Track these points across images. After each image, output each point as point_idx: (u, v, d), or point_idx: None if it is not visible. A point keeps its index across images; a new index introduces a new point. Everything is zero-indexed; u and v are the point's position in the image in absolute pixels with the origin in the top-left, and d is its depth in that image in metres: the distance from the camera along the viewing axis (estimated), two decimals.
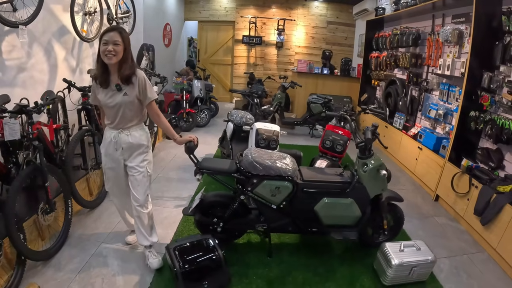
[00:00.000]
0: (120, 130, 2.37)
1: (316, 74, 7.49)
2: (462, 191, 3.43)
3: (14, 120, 2.36)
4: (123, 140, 2.39)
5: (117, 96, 2.27)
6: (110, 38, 2.13)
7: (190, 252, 2.28)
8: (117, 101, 2.27)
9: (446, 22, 4.47)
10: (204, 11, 9.04)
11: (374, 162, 2.44)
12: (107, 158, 2.47)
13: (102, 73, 2.24)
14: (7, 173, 2.44)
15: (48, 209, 2.59)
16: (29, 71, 3.02)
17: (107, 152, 2.45)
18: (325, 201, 2.41)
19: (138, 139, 2.42)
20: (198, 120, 6.63)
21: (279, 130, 3.38)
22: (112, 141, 2.39)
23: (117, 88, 2.25)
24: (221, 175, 2.48)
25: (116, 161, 2.46)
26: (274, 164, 2.34)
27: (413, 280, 2.45)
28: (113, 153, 2.43)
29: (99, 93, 2.30)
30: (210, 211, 2.61)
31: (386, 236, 2.77)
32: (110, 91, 2.26)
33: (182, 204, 3.47)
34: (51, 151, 2.92)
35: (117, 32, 2.17)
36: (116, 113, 2.32)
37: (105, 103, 2.30)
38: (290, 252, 2.74)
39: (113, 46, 2.14)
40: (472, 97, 3.61)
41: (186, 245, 2.35)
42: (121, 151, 2.41)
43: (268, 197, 2.41)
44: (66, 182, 2.86)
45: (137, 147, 2.43)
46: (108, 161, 2.49)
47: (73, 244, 2.77)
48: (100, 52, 2.16)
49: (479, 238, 3.18)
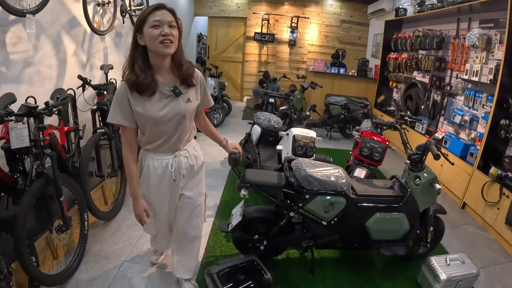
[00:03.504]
0: (177, 153, 1.84)
1: (332, 74, 7.44)
2: (492, 200, 3.42)
3: (22, 124, 2.02)
4: (183, 166, 1.88)
5: (176, 104, 1.69)
6: (163, 17, 1.55)
7: (235, 277, 2.12)
8: (178, 110, 1.70)
9: (473, 26, 4.42)
10: (215, 6, 8.92)
11: (427, 176, 2.39)
12: (158, 195, 1.92)
13: (145, 74, 1.59)
14: (14, 184, 2.12)
15: (63, 226, 2.26)
16: (36, 66, 2.75)
17: (159, 188, 1.89)
18: (378, 216, 2.36)
19: (199, 157, 1.99)
20: (212, 119, 6.54)
21: (315, 136, 3.33)
22: (167, 171, 1.83)
23: (176, 92, 1.67)
24: (268, 189, 2.34)
25: (173, 194, 1.94)
26: (329, 179, 2.25)
27: None
28: (169, 186, 1.89)
29: (137, 105, 1.63)
30: (250, 227, 2.46)
31: (426, 248, 2.76)
32: (161, 98, 1.67)
33: (208, 214, 3.29)
34: (63, 157, 2.57)
35: (167, 10, 1.59)
36: (175, 129, 1.75)
37: (155, 118, 1.66)
38: (332, 268, 2.66)
39: (170, 29, 1.56)
40: (503, 105, 3.59)
41: (230, 268, 2.18)
42: (180, 180, 1.91)
43: (320, 214, 2.31)
44: (81, 193, 2.51)
45: (199, 168, 2.00)
46: (159, 198, 1.93)
47: (91, 263, 2.49)
48: (149, 39, 1.54)
49: (510, 247, 3.17)
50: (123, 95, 1.64)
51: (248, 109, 7.96)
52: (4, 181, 2.09)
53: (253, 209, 2.44)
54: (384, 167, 4.88)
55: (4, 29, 2.41)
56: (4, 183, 2.10)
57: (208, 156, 4.92)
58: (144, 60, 1.61)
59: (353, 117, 6.14)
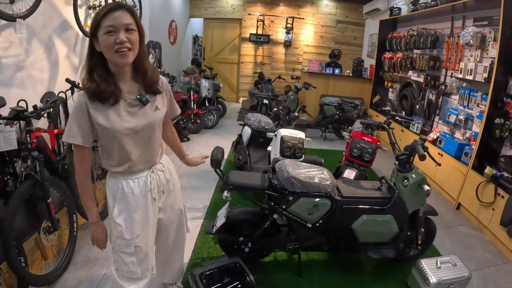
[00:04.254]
0: (153, 168, 1.64)
1: (327, 74, 7.38)
2: (487, 201, 3.35)
3: (10, 127, 2.04)
4: (161, 182, 1.69)
5: (144, 114, 1.51)
6: (118, 21, 1.34)
7: (218, 279, 2.10)
8: (148, 120, 1.52)
9: (467, 24, 4.36)
10: (210, 8, 8.89)
11: (415, 177, 2.32)
12: (141, 221, 1.62)
13: (107, 81, 1.40)
14: (4, 187, 2.13)
15: (51, 228, 2.26)
16: (27, 70, 2.73)
17: (141, 212, 1.61)
18: (364, 218, 2.29)
19: (173, 171, 1.81)
20: (206, 121, 6.49)
21: (304, 137, 3.26)
22: (145, 190, 1.60)
23: (143, 100, 1.49)
24: (251, 192, 2.30)
25: (154, 215, 1.70)
26: (312, 180, 2.19)
27: None
28: (148, 208, 1.64)
29: (101, 118, 1.41)
30: (235, 229, 2.43)
31: (417, 250, 2.69)
32: (127, 108, 1.47)
33: (197, 216, 3.29)
34: (53, 160, 2.56)
35: (126, 10, 1.38)
36: (147, 140, 1.56)
37: (122, 131, 1.45)
38: (320, 270, 2.61)
39: (127, 34, 1.36)
40: (498, 104, 3.52)
41: (214, 270, 2.16)
42: (160, 198, 1.71)
43: (304, 216, 2.26)
44: (70, 195, 2.51)
45: (175, 183, 1.83)
46: (143, 224, 1.63)
47: (80, 264, 2.49)
48: (104, 48, 1.36)
49: (504, 249, 3.11)
50: (82, 107, 1.40)
51: (244, 111, 7.91)
52: None
53: (237, 211, 2.40)
54: (378, 167, 4.82)
55: None
56: None
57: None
58: (103, 67, 1.42)
59: (347, 117, 6.09)
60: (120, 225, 1.57)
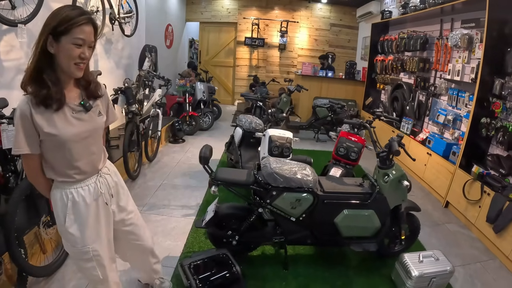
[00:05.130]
0: (100, 173, 1.63)
1: (320, 77, 7.45)
2: (474, 198, 3.41)
3: (12, 126, 2.14)
4: (110, 185, 1.67)
5: (89, 119, 1.51)
6: (88, 37, 1.37)
7: (206, 269, 2.20)
8: (93, 126, 1.53)
9: (455, 26, 4.45)
10: (206, 12, 8.98)
11: (395, 173, 2.39)
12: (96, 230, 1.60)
13: (57, 87, 1.37)
14: (5, 183, 2.24)
15: (50, 221, 2.36)
16: None
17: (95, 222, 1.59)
18: (345, 213, 2.37)
19: (117, 171, 1.79)
20: (201, 123, 6.56)
21: (292, 137, 3.33)
22: (95, 196, 1.58)
23: (86, 106, 1.49)
24: (237, 187, 2.39)
25: (109, 221, 1.68)
26: (295, 176, 2.27)
27: None
28: (103, 214, 1.63)
29: (46, 125, 1.37)
30: (224, 223, 2.52)
31: (402, 246, 2.75)
32: (71, 114, 1.44)
33: (190, 213, 3.39)
34: None
35: (93, 27, 1.41)
36: (94, 146, 1.57)
37: (69, 138, 1.43)
38: (306, 264, 2.68)
39: (88, 51, 1.41)
40: (484, 104, 3.59)
41: (202, 261, 2.26)
42: (111, 202, 1.69)
43: (287, 210, 2.34)
44: None
45: (123, 184, 1.80)
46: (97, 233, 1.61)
47: None
48: (65, 56, 1.34)
49: (491, 245, 3.16)
50: (28, 117, 1.34)
51: (239, 113, 7.95)
52: None
53: (225, 206, 2.50)
54: (367, 166, 4.89)
55: None
56: None
57: (195, 158, 4.94)
58: (53, 71, 1.37)
59: (339, 119, 6.15)
60: (73, 235, 1.54)
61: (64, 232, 1.55)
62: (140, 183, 4.02)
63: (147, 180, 4.13)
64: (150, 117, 4.65)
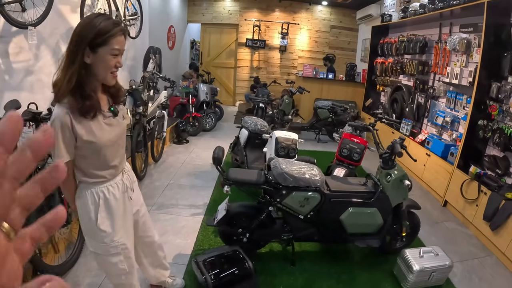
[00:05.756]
0: (123, 171, 1.73)
1: (321, 79, 7.58)
2: (471, 197, 3.54)
3: (27, 128, 2.18)
4: (132, 180, 1.81)
5: (117, 124, 1.60)
6: (122, 46, 1.45)
7: (220, 264, 2.29)
8: (121, 129, 1.64)
9: (454, 31, 4.58)
10: (207, 13, 9.08)
11: (397, 173, 2.53)
12: (125, 223, 1.72)
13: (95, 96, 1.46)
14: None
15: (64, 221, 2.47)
16: (36, 74, 2.89)
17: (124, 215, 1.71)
18: (350, 210, 2.50)
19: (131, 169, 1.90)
20: (204, 124, 6.66)
21: (297, 138, 3.46)
22: (122, 193, 1.69)
23: (114, 112, 1.58)
24: (249, 186, 2.51)
25: (131, 214, 1.81)
26: (303, 176, 2.40)
27: (432, 284, 2.55)
28: (128, 212, 1.76)
29: (85, 134, 1.44)
30: (234, 221, 2.62)
31: (403, 243, 2.88)
32: (103, 121, 1.52)
33: (198, 213, 3.49)
34: None
35: (124, 35, 1.46)
36: (120, 148, 1.67)
37: (105, 143, 1.52)
38: (312, 260, 2.80)
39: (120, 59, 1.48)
40: (481, 106, 3.72)
41: (215, 257, 2.36)
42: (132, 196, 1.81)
43: (296, 208, 2.46)
44: None
45: (135, 179, 1.92)
46: (126, 226, 1.74)
47: (89, 256, 2.60)
48: (102, 66, 1.42)
49: (488, 242, 3.29)
50: (68, 127, 1.40)
51: (240, 114, 8.08)
52: None
53: (236, 205, 2.63)
54: (369, 167, 5.01)
55: (7, 40, 2.57)
56: None
57: (199, 159, 5.05)
58: (92, 82, 1.44)
59: (340, 120, 6.28)
60: (105, 231, 1.61)
61: (94, 231, 1.61)
62: (147, 183, 4.13)
63: (154, 180, 4.24)
64: (156, 118, 4.76)
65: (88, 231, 1.65)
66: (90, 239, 1.68)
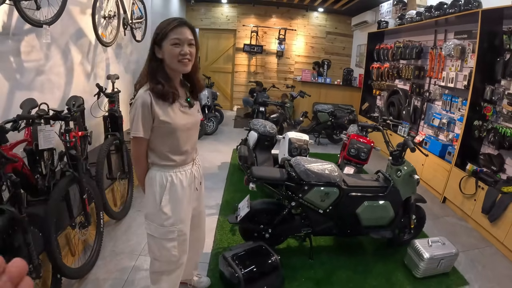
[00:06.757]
0: (194, 161, 1.88)
1: (319, 83, 7.81)
2: (469, 193, 3.77)
3: (49, 127, 2.18)
4: (200, 173, 1.95)
5: (192, 114, 1.78)
6: (183, 35, 1.59)
7: (248, 259, 2.39)
8: (195, 120, 1.80)
9: (448, 37, 4.84)
10: (205, 18, 9.22)
11: (407, 168, 2.75)
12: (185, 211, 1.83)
13: (168, 83, 1.64)
14: (35, 185, 2.24)
15: (85, 222, 2.43)
16: (47, 74, 2.88)
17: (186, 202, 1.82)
18: (366, 204, 2.69)
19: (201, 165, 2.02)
20: (207, 127, 6.75)
21: (308, 139, 3.65)
22: (189, 183, 1.82)
23: (190, 103, 1.77)
24: (273, 183, 2.64)
25: (192, 206, 1.92)
26: (324, 172, 2.58)
27: (440, 271, 2.76)
28: (191, 198, 1.87)
29: (162, 114, 1.63)
30: (256, 218, 2.73)
31: (411, 235, 3.08)
32: (180, 108, 1.71)
33: (212, 213, 3.56)
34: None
35: (188, 27, 1.62)
36: (193, 136, 1.83)
37: (179, 127, 1.69)
38: (328, 254, 2.96)
39: (189, 48, 1.62)
40: (476, 108, 3.97)
41: (243, 252, 2.45)
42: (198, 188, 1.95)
43: (317, 203, 2.63)
44: (98, 193, 2.67)
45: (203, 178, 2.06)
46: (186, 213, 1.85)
47: (108, 258, 2.67)
48: (168, 56, 1.60)
49: (487, 234, 3.52)
50: (148, 105, 1.60)
51: (239, 118, 8.23)
52: (29, 180, 2.21)
53: (258, 202, 2.76)
54: (369, 166, 5.22)
55: (19, 38, 2.52)
56: (29, 182, 2.21)
57: (206, 161, 5.17)
58: (163, 71, 1.64)
59: (339, 123, 6.51)
60: (166, 214, 1.73)
61: (157, 212, 1.73)
62: None
63: None
64: None
65: (151, 212, 1.77)
66: (149, 222, 1.79)
